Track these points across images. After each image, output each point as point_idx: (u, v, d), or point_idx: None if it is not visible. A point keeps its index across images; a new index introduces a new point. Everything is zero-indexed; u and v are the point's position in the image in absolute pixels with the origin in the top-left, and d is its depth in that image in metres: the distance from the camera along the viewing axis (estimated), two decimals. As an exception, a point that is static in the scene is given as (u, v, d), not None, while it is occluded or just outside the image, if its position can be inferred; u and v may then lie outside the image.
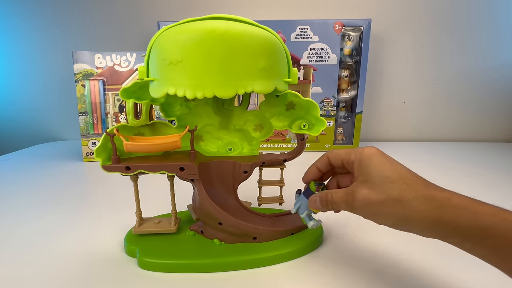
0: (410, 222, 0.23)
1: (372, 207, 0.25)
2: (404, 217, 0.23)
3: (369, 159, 0.26)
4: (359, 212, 0.26)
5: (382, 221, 0.25)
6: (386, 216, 0.24)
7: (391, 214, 0.24)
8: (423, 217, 0.22)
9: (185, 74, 0.26)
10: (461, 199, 0.22)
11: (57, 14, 0.86)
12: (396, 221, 0.24)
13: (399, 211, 0.23)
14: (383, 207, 0.24)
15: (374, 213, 0.25)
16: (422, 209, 0.23)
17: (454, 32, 0.85)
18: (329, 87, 0.76)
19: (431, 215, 0.22)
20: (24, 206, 0.48)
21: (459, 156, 0.77)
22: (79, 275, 0.31)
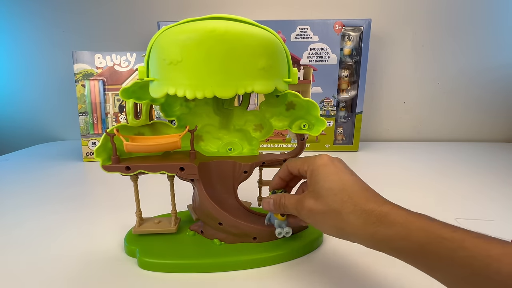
0: (348, 235, 0.24)
1: (316, 217, 0.26)
2: (343, 229, 0.24)
3: (318, 169, 0.27)
4: (306, 220, 0.27)
5: (326, 231, 0.26)
6: (329, 227, 0.25)
7: (333, 225, 0.25)
8: (360, 232, 0.23)
9: (185, 74, 0.26)
10: (399, 214, 0.22)
11: (57, 14, 0.86)
12: (337, 232, 0.25)
13: (339, 223, 0.24)
14: (325, 218, 0.25)
15: (318, 223, 0.26)
16: (358, 224, 0.23)
17: (454, 32, 0.86)
18: (329, 87, 0.76)
19: (367, 230, 0.23)
20: (24, 206, 0.48)
21: (459, 156, 0.77)
22: (79, 275, 0.31)
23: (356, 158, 0.76)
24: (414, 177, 0.62)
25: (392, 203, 0.24)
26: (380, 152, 0.80)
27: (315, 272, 0.32)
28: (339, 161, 0.28)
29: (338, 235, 0.25)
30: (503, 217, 0.43)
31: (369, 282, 0.30)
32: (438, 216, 0.23)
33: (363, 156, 0.77)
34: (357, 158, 0.75)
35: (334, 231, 0.25)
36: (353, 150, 0.80)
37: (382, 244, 0.22)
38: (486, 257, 0.17)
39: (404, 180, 0.60)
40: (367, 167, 0.69)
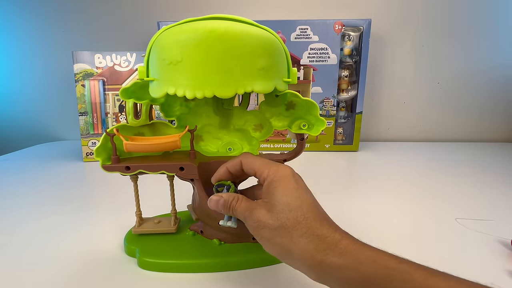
0: (294, 260, 0.22)
1: (263, 231, 0.23)
2: (289, 252, 0.22)
3: (279, 181, 0.25)
4: (251, 231, 0.25)
5: (270, 249, 0.24)
6: (274, 246, 0.23)
7: (279, 244, 0.23)
8: (307, 258, 0.21)
9: (185, 74, 0.26)
10: (350, 243, 0.21)
11: (57, 14, 0.86)
12: (282, 253, 0.23)
13: (287, 244, 0.22)
14: (274, 235, 0.23)
15: (264, 238, 0.24)
16: (308, 249, 0.21)
17: (454, 32, 0.85)
18: (329, 87, 0.76)
19: (315, 257, 0.21)
20: (24, 206, 0.48)
21: (459, 156, 0.77)
22: (79, 275, 0.31)
23: (356, 158, 0.76)
24: (414, 177, 0.62)
25: (343, 230, 0.23)
26: (380, 152, 0.80)
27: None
28: (300, 177, 0.26)
29: (282, 257, 0.23)
30: (503, 217, 0.43)
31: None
32: (438, 216, 0.23)
33: (363, 156, 0.77)
34: (357, 158, 0.75)
35: (279, 251, 0.23)
36: (353, 150, 0.80)
37: (329, 273, 0.21)
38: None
39: (404, 180, 0.60)
40: (367, 167, 0.69)
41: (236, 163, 0.28)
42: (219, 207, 0.27)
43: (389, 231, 0.40)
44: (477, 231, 0.39)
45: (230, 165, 0.29)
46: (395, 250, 0.35)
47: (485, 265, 0.33)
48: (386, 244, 0.36)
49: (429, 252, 0.35)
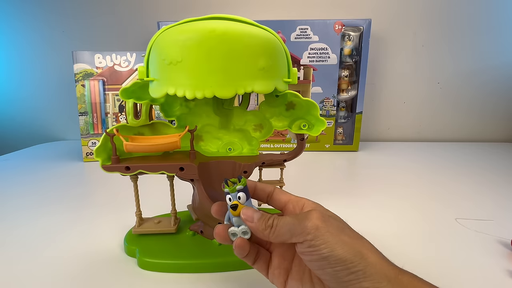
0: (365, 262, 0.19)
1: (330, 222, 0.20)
2: (360, 254, 0.19)
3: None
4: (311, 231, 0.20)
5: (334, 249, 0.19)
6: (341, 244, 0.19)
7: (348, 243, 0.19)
8: (381, 263, 0.19)
9: (185, 74, 0.26)
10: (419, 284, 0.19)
11: (57, 14, 0.86)
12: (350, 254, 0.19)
13: (357, 244, 0.19)
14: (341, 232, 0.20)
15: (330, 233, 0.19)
16: (379, 257, 0.19)
17: (454, 32, 0.85)
18: (329, 87, 0.76)
19: (389, 267, 0.19)
20: (24, 206, 0.48)
21: (460, 156, 0.77)
22: (79, 275, 0.31)
23: (356, 158, 0.76)
24: (414, 177, 0.62)
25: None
26: (380, 152, 0.80)
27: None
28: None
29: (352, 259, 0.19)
30: (503, 217, 0.43)
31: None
32: (438, 216, 0.22)
33: (363, 156, 0.77)
34: (357, 158, 0.75)
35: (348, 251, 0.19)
36: (353, 150, 0.80)
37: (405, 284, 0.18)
38: None
39: (404, 180, 0.60)
40: (367, 167, 0.69)
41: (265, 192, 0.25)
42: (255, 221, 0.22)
43: (389, 231, 0.40)
44: (477, 231, 0.39)
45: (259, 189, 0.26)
46: (395, 250, 0.35)
47: (485, 265, 0.33)
48: (386, 244, 0.36)
49: (429, 252, 0.35)
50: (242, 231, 0.23)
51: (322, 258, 0.19)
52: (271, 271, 0.24)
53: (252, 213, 0.22)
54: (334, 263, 0.18)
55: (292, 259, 0.24)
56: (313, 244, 0.19)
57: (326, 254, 0.19)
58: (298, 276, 0.23)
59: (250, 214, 0.22)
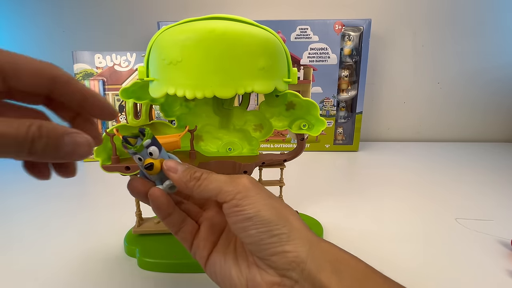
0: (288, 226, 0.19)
1: (259, 186, 0.20)
2: (285, 218, 0.19)
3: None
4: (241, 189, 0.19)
5: (260, 210, 0.19)
6: (268, 207, 0.19)
7: (275, 207, 0.19)
8: (304, 229, 0.19)
9: (185, 74, 0.26)
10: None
11: (57, 14, 0.86)
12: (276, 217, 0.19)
13: (283, 209, 0.19)
14: (269, 198, 0.19)
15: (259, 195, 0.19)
16: (302, 224, 0.20)
17: (454, 32, 0.85)
18: (329, 87, 0.76)
19: (312, 234, 0.19)
20: (24, 206, 0.48)
21: (459, 156, 0.77)
22: (79, 275, 0.31)
23: (356, 158, 0.76)
24: (414, 177, 0.62)
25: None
26: (380, 152, 0.80)
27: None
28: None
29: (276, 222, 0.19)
30: (503, 217, 0.43)
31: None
32: (438, 216, 0.22)
33: (363, 156, 0.77)
34: (357, 158, 0.75)
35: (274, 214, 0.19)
36: (353, 150, 0.80)
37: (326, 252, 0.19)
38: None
39: (404, 180, 0.60)
40: (367, 167, 0.69)
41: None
42: (180, 173, 0.20)
43: (389, 230, 0.40)
44: (477, 231, 0.39)
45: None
46: (395, 250, 0.35)
47: (485, 265, 0.33)
48: (386, 244, 0.37)
49: (429, 252, 0.35)
50: (168, 187, 0.21)
51: (247, 218, 0.18)
52: (196, 243, 0.22)
53: (175, 164, 0.20)
54: (259, 223, 0.18)
55: (221, 233, 0.23)
56: (241, 204, 0.19)
57: (252, 214, 0.18)
58: (222, 249, 0.22)
59: (173, 165, 0.20)
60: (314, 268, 0.17)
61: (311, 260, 0.18)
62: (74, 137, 0.16)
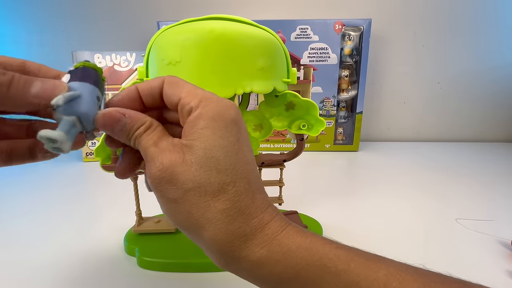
0: (201, 237, 0.17)
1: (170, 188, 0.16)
2: (198, 227, 0.16)
3: (213, 120, 0.17)
4: (148, 177, 0.17)
5: (170, 214, 0.17)
6: (178, 212, 0.17)
7: (186, 213, 0.16)
8: (221, 242, 0.16)
9: (184, 74, 0.26)
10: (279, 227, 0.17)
11: (57, 14, 0.86)
12: (186, 225, 0.17)
13: (198, 216, 0.16)
14: (182, 199, 0.16)
15: (167, 199, 0.17)
16: (225, 231, 0.16)
17: (454, 32, 0.85)
18: (329, 87, 0.76)
19: (232, 243, 0.16)
20: (24, 206, 0.48)
21: (460, 156, 0.77)
22: (79, 274, 0.31)
23: (356, 158, 0.76)
24: (414, 177, 0.62)
25: (275, 208, 0.18)
26: (380, 152, 0.80)
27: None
28: (244, 124, 0.19)
29: (185, 230, 0.17)
30: (503, 218, 0.43)
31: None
32: (439, 216, 0.22)
33: (363, 156, 0.77)
34: (357, 158, 0.75)
35: (184, 223, 0.17)
36: (353, 150, 0.80)
37: (244, 267, 0.17)
38: (372, 281, 0.14)
39: (404, 180, 0.60)
40: (367, 167, 0.69)
41: (155, 85, 0.18)
42: (114, 128, 0.17)
43: (389, 231, 0.40)
44: (477, 231, 0.39)
45: (144, 86, 0.18)
46: (395, 250, 0.35)
47: (485, 266, 0.33)
48: (386, 244, 0.37)
49: (429, 252, 0.35)
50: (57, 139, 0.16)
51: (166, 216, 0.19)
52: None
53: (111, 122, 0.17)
54: (174, 224, 0.18)
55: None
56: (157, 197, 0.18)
57: (165, 213, 0.19)
58: None
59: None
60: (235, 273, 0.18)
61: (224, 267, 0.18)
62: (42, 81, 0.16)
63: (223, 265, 0.17)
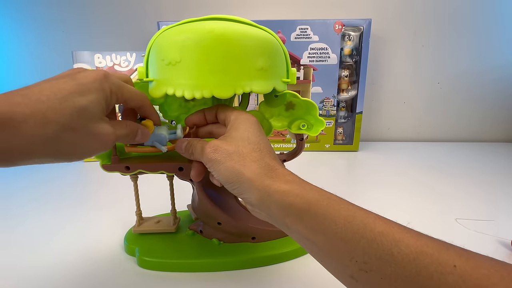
0: (242, 180, 0.23)
1: (218, 154, 0.24)
2: (240, 173, 0.23)
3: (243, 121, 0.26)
4: (206, 158, 0.25)
5: (220, 172, 0.24)
6: (226, 168, 0.24)
7: (231, 167, 0.24)
8: (256, 179, 0.23)
9: (184, 74, 0.26)
10: (297, 177, 0.24)
11: (57, 14, 0.86)
12: (232, 175, 0.24)
13: (239, 166, 0.23)
14: (227, 159, 0.24)
15: (217, 161, 0.24)
16: (258, 172, 0.23)
17: (454, 32, 0.85)
18: (329, 87, 0.76)
19: (264, 180, 0.23)
20: (24, 206, 0.48)
21: (459, 156, 0.77)
22: (79, 274, 0.31)
23: (356, 158, 0.76)
24: (414, 177, 0.62)
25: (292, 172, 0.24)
26: (380, 152, 0.80)
27: (313, 272, 0.32)
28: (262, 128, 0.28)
29: (231, 180, 0.24)
30: (503, 217, 0.43)
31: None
32: (438, 216, 0.22)
33: (363, 156, 0.77)
34: (357, 158, 0.75)
35: (230, 174, 0.24)
36: (353, 150, 0.80)
37: (273, 197, 0.22)
38: (365, 217, 0.19)
39: (404, 180, 0.60)
40: (367, 167, 0.69)
41: (212, 114, 0.30)
42: (183, 150, 0.28)
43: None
44: (477, 231, 0.39)
45: (208, 111, 0.30)
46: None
47: None
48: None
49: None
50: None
51: (217, 179, 0.25)
52: None
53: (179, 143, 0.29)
54: (224, 183, 0.25)
55: None
56: (210, 171, 0.26)
57: (217, 177, 0.25)
58: None
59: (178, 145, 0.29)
60: (266, 208, 0.23)
61: (261, 204, 0.23)
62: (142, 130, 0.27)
63: (259, 200, 0.23)
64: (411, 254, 0.17)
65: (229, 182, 0.24)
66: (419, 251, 0.17)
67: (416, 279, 0.16)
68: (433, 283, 0.16)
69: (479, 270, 0.15)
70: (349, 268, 0.19)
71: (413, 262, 0.16)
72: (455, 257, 0.16)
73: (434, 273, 0.16)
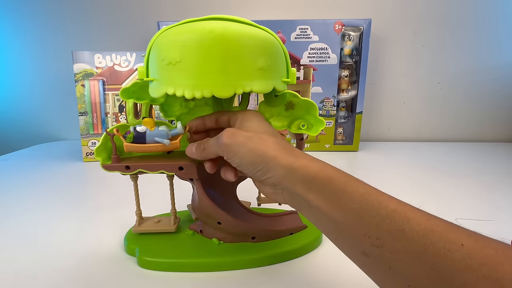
0: (267, 159, 0.24)
1: (238, 138, 0.25)
2: (264, 152, 0.24)
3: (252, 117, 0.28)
4: (224, 144, 0.25)
5: (243, 156, 0.24)
6: (249, 150, 0.24)
7: (254, 148, 0.24)
8: (282, 157, 0.24)
9: (184, 74, 0.26)
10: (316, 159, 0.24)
11: (57, 14, 0.86)
12: (257, 155, 0.24)
13: (261, 147, 0.24)
14: (248, 142, 0.24)
15: (239, 145, 0.25)
16: (281, 151, 0.24)
17: (454, 32, 0.85)
18: (329, 87, 0.76)
19: (288, 158, 0.23)
20: (24, 206, 0.48)
21: (459, 156, 0.77)
22: (79, 274, 0.31)
23: (356, 158, 0.76)
24: (414, 177, 0.62)
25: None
26: (380, 152, 0.80)
27: (313, 272, 0.32)
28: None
29: (256, 161, 0.24)
30: (503, 217, 0.43)
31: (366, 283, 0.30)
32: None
33: (363, 156, 0.77)
34: (357, 158, 0.75)
35: (254, 155, 0.24)
36: (353, 150, 0.80)
37: (298, 172, 0.23)
38: (379, 196, 0.20)
39: (404, 180, 0.60)
40: (367, 167, 0.69)
41: (212, 119, 0.31)
42: (194, 151, 0.29)
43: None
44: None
45: (207, 118, 0.31)
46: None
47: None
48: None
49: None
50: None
51: (237, 165, 0.25)
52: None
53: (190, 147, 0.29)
54: (246, 166, 0.25)
55: None
56: (229, 158, 0.25)
57: (238, 163, 0.25)
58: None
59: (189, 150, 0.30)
60: (290, 185, 0.23)
61: (285, 180, 0.23)
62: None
63: (284, 177, 0.23)
64: (421, 231, 0.17)
65: (253, 163, 0.24)
66: (428, 229, 0.17)
67: (423, 254, 0.17)
68: (439, 259, 0.16)
69: (486, 250, 0.16)
70: (362, 244, 0.19)
71: (422, 238, 0.17)
72: (463, 237, 0.17)
73: (442, 250, 0.16)
